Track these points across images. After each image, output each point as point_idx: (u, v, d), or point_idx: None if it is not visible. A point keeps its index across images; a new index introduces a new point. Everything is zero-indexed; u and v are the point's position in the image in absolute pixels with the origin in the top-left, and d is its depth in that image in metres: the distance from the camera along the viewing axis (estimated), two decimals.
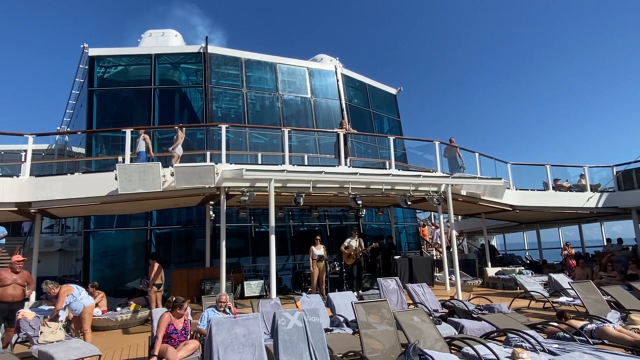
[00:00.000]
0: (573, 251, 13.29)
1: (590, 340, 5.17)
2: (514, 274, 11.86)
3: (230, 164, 8.96)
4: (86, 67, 13.02)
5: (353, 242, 10.84)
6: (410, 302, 7.88)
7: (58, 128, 16.84)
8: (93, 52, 12.84)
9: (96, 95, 12.46)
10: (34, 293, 8.70)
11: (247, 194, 8.66)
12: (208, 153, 9.76)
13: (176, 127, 9.66)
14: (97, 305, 7.77)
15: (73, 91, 15.07)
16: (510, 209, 12.66)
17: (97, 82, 12.68)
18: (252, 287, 10.42)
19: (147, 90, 12.60)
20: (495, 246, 19.88)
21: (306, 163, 11.43)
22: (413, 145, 12.91)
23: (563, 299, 8.46)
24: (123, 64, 13.28)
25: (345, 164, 10.08)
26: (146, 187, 8.06)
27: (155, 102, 12.56)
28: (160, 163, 8.26)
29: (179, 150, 9.36)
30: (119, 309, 8.34)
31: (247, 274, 11.91)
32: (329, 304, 7.09)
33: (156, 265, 8.86)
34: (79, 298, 6.18)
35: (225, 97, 13.36)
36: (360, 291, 10.23)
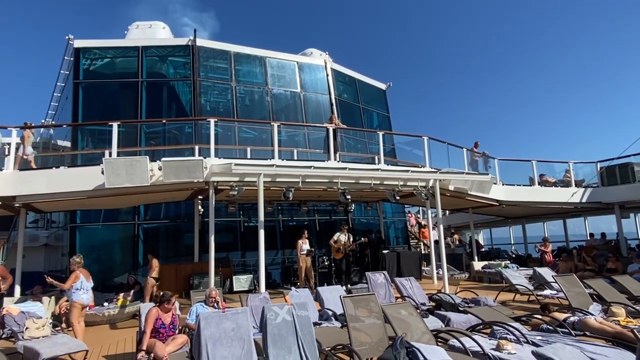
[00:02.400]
0: (550, 247, 13.49)
1: (572, 332, 5.29)
2: (499, 268, 12.04)
3: (219, 158, 8.92)
4: (71, 59, 12.77)
5: (342, 237, 10.88)
6: (398, 295, 7.96)
7: (43, 121, 16.51)
8: (78, 43, 12.58)
9: (82, 88, 12.25)
10: (18, 288, 8.56)
11: (236, 188, 8.63)
12: (196, 147, 9.65)
13: (19, 129, 8.82)
14: None
15: (58, 83, 14.78)
16: (497, 204, 12.82)
17: (82, 75, 12.45)
18: (241, 282, 10.43)
19: (134, 83, 12.41)
20: (481, 241, 20.14)
21: (295, 158, 11.42)
22: (402, 140, 12.97)
23: (547, 292, 8.63)
24: (109, 56, 13.06)
25: (335, 159, 10.12)
26: (133, 182, 7.98)
27: (143, 95, 12.39)
28: (147, 157, 8.16)
29: (29, 151, 8.92)
30: (106, 304, 8.28)
31: (236, 268, 11.90)
32: (317, 298, 7.12)
33: (154, 260, 8.89)
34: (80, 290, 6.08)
35: (214, 91, 13.24)
36: (349, 285, 10.28)
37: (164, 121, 11.51)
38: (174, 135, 11.94)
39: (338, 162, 10.18)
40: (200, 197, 10.71)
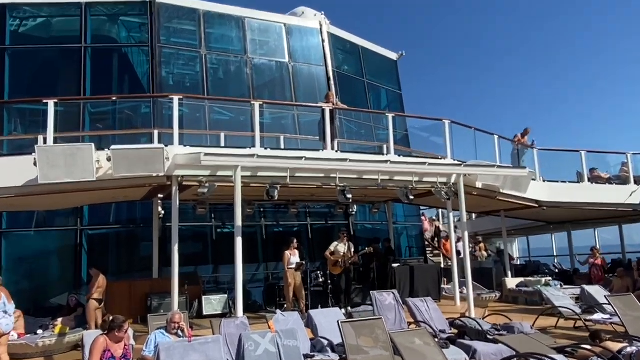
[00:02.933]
0: (600, 260, 13.59)
1: None
2: (538, 286, 12.11)
3: (185, 146, 8.91)
4: None
5: (341, 247, 10.89)
6: (412, 320, 8.00)
7: None
8: None
9: (8, 55, 12.15)
10: None
11: (207, 185, 8.63)
12: (156, 132, 9.64)
13: None
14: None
15: None
16: (536, 205, 12.88)
17: (9, 39, 12.34)
18: (212, 304, 10.43)
19: (76, 50, 12.30)
20: (515, 252, 20.27)
21: (282, 146, 11.40)
22: (417, 125, 13.02)
23: (598, 316, 8.68)
24: (44, 14, 12.92)
25: (332, 148, 10.09)
26: (75, 176, 7.94)
27: (87, 65, 12.28)
28: (93, 145, 8.13)
29: None
30: (40, 331, 8.25)
31: (206, 286, 11.91)
32: (309, 323, 7.16)
33: (100, 276, 8.88)
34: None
35: (179, 61, 13.20)
36: (349, 307, 10.31)
37: (114, 99, 11.38)
38: (127, 116, 11.81)
39: (336, 151, 10.15)
40: (160, 195, 10.66)
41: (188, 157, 8.52)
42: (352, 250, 11.13)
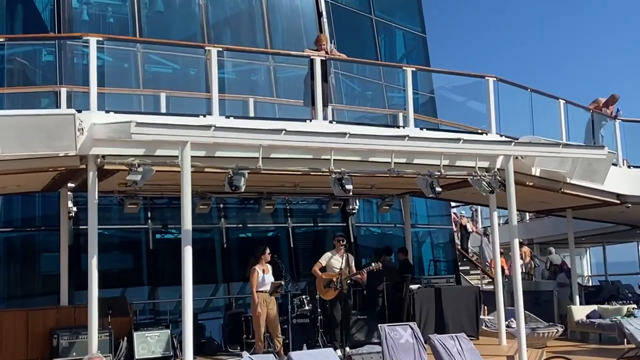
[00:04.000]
0: None
1: None
2: (618, 317, 12.16)
3: (108, 112, 8.82)
4: None
5: (336, 260, 10.86)
6: None
7: None
8: None
9: None
10: None
11: (140, 169, 8.51)
12: (63, 91, 9.51)
13: None
14: None
15: None
16: (617, 201, 12.95)
17: None
18: (148, 343, 10.34)
19: None
20: (585, 268, 20.33)
21: (252, 114, 11.32)
22: (447, 83, 13.02)
23: None
24: None
25: (325, 117, 10.08)
26: None
27: None
28: None
29: None
30: None
31: (139, 318, 11.93)
32: None
33: None
34: None
35: None
36: (347, 347, 10.29)
37: (1, 40, 10.98)
38: (20, 67, 11.66)
39: (331, 122, 10.13)
40: (71, 185, 10.57)
41: (112, 128, 8.45)
42: (353, 264, 11.10)
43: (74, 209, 11.45)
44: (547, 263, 16.47)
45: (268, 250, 10.43)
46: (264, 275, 10.20)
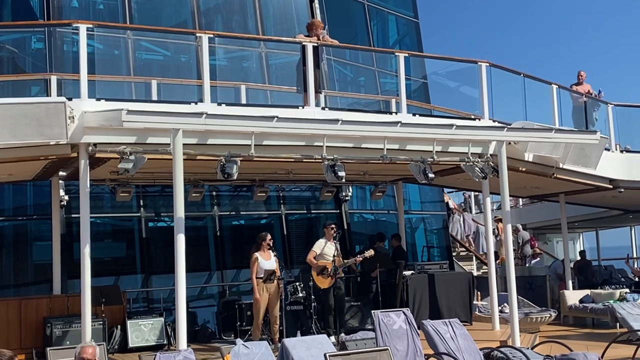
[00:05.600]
0: None
1: None
2: (611, 301, 12.32)
3: (99, 100, 8.86)
4: None
5: (329, 248, 10.92)
6: (431, 352, 8.09)
7: None
8: None
9: None
10: None
11: (132, 157, 8.55)
12: (54, 78, 9.58)
13: None
14: None
15: None
16: (609, 185, 13.06)
17: None
18: (142, 332, 10.47)
19: None
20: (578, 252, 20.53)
21: (244, 101, 11.37)
22: (441, 68, 13.01)
23: None
24: None
25: (318, 104, 10.10)
26: None
27: None
28: None
29: None
30: None
31: (132, 306, 11.95)
32: (284, 357, 7.20)
33: None
34: None
35: None
36: (341, 334, 10.36)
37: None
38: (10, 55, 11.65)
39: (323, 109, 10.15)
40: (62, 173, 10.61)
41: (103, 116, 8.47)
42: (341, 250, 11.21)
43: (66, 197, 11.47)
44: (518, 239, 16.48)
45: (269, 237, 10.49)
46: (263, 260, 10.24)
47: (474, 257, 18.76)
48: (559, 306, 13.28)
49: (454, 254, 17.59)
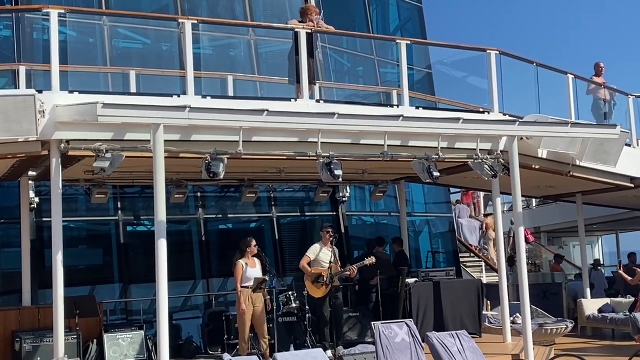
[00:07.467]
0: None
1: None
2: (634, 312, 12.10)
3: (72, 92, 8.80)
4: None
5: (325, 254, 10.87)
6: None
7: None
8: None
9: None
10: None
11: (108, 155, 8.49)
12: (22, 69, 9.49)
13: None
14: None
15: None
16: (631, 185, 13.00)
17: None
18: (120, 346, 10.41)
19: None
20: (598, 255, 20.38)
21: (231, 93, 11.29)
22: (446, 57, 12.97)
23: None
24: None
25: (312, 96, 10.05)
26: None
27: None
28: None
29: None
30: None
31: (110, 319, 11.92)
32: None
33: None
34: None
35: None
36: (339, 347, 10.41)
37: None
38: None
39: (318, 101, 10.11)
40: (32, 173, 10.52)
41: (76, 110, 8.40)
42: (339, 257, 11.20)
43: (36, 199, 11.38)
44: (510, 233, 16.40)
45: (254, 242, 10.35)
46: (248, 269, 10.14)
47: (483, 264, 18.60)
48: (576, 316, 13.24)
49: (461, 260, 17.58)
